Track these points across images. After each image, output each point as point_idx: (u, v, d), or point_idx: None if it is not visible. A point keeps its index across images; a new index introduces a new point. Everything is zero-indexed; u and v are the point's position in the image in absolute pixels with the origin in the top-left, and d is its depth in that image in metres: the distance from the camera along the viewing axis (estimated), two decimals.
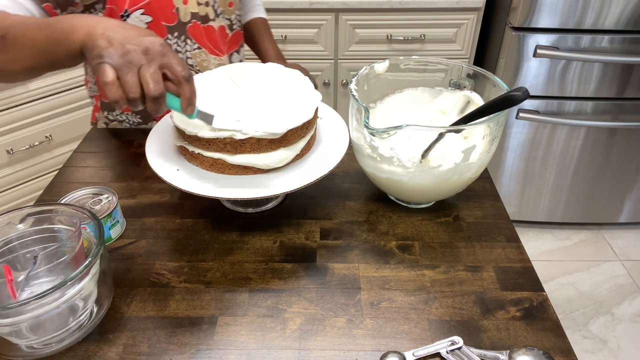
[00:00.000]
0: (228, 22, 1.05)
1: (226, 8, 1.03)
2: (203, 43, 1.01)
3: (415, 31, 1.84)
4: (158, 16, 0.94)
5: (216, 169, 0.75)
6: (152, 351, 0.63)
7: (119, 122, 1.10)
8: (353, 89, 0.79)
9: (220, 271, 0.74)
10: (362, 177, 0.91)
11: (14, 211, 0.67)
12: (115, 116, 1.09)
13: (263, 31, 1.20)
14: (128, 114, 1.08)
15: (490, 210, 0.86)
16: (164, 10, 0.94)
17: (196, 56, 1.01)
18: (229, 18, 1.04)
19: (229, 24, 1.05)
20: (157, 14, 0.93)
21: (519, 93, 0.70)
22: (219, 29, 1.03)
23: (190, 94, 0.62)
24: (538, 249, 2.00)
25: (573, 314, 1.75)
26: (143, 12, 0.92)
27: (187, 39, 0.99)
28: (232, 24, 1.06)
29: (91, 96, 1.13)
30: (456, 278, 0.73)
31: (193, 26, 0.98)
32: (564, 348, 0.63)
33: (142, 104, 0.60)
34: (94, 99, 1.12)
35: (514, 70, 1.71)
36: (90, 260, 0.60)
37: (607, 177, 1.91)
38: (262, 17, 1.22)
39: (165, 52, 0.59)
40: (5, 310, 0.55)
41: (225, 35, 1.05)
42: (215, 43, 1.03)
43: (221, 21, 1.03)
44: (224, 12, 1.03)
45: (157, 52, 0.58)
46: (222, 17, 1.03)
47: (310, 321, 0.67)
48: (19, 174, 1.74)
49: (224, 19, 1.04)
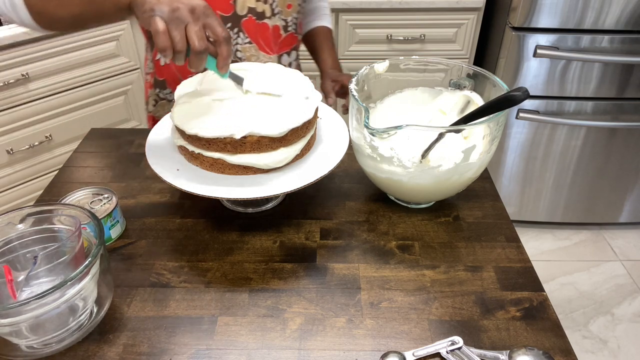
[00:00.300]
0: (283, 23, 1.04)
1: (284, 9, 1.03)
2: (255, 39, 1.01)
3: (415, 31, 1.84)
4: (215, 4, 0.94)
5: (216, 169, 0.75)
6: (152, 351, 0.63)
7: (168, 101, 1.12)
8: (353, 89, 0.79)
9: (220, 271, 0.74)
10: (362, 177, 0.91)
11: (14, 211, 0.67)
12: (165, 94, 1.11)
13: (324, 41, 1.18)
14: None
15: (490, 210, 0.86)
16: (221, 0, 0.95)
17: (246, 50, 1.02)
18: (285, 19, 1.04)
19: (284, 24, 1.04)
20: (214, 2, 0.94)
21: (519, 93, 0.70)
22: (273, 28, 1.03)
23: (227, 53, 0.68)
24: (538, 249, 2.00)
25: (573, 314, 1.75)
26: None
27: (240, 32, 1.00)
28: (288, 25, 1.05)
29: (147, 73, 1.15)
30: (456, 278, 0.73)
31: (248, 20, 0.99)
32: (564, 348, 0.63)
33: (185, 58, 0.65)
34: (148, 76, 1.14)
35: (514, 70, 1.71)
36: (90, 260, 0.59)
37: (607, 177, 1.91)
38: (325, 26, 1.20)
39: (209, 14, 0.65)
40: (5, 310, 0.55)
41: (278, 35, 1.05)
42: (267, 41, 1.03)
43: (277, 21, 1.03)
44: (281, 13, 1.03)
45: (201, 12, 0.64)
46: (278, 17, 1.02)
47: (310, 321, 0.67)
48: (19, 174, 1.74)
49: (280, 19, 1.03)
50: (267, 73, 0.85)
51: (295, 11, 1.05)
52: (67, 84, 1.74)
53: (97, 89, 1.82)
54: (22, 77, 1.62)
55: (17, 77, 1.61)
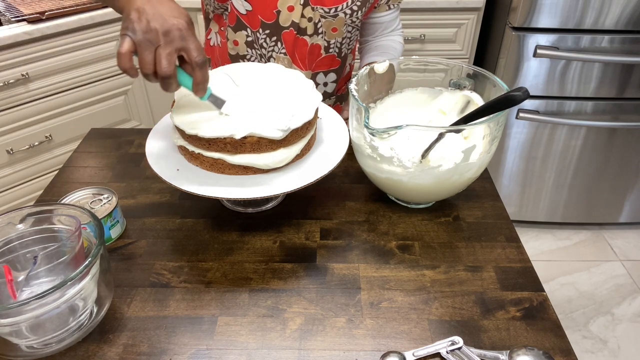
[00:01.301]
0: (325, 44, 1.03)
1: (329, 31, 1.02)
2: (291, 52, 1.02)
3: (415, 31, 1.84)
4: (257, 9, 0.96)
5: (216, 169, 0.75)
6: (152, 351, 0.63)
7: None
8: (353, 89, 0.79)
9: (220, 271, 0.74)
10: (362, 177, 0.91)
11: (14, 211, 0.67)
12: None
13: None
14: None
15: (490, 210, 0.86)
16: (264, 6, 0.96)
17: (280, 59, 1.02)
18: (328, 41, 1.03)
19: (326, 45, 1.04)
20: (257, 6, 0.96)
21: (519, 93, 0.70)
22: (313, 46, 1.03)
23: (201, 78, 0.67)
24: (538, 249, 2.00)
25: (573, 314, 1.75)
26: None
27: (279, 41, 1.00)
28: (329, 47, 1.04)
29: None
30: (456, 278, 0.73)
31: (289, 33, 0.99)
32: (564, 348, 0.63)
33: (155, 79, 0.65)
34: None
35: (514, 70, 1.71)
36: (90, 260, 0.59)
37: (607, 177, 1.91)
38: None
39: (186, 36, 0.64)
40: (5, 310, 0.55)
41: (317, 54, 1.04)
42: (302, 56, 1.03)
43: (318, 40, 1.02)
44: (325, 34, 1.02)
45: (176, 35, 0.63)
46: (321, 37, 1.02)
47: (310, 321, 0.67)
48: (19, 174, 1.74)
49: (323, 40, 1.03)
50: (268, 74, 0.85)
51: (341, 36, 1.04)
52: (67, 84, 1.74)
53: (97, 89, 1.82)
54: (22, 77, 1.62)
55: (17, 77, 1.61)
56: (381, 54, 1.10)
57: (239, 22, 0.99)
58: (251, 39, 1.01)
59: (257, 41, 1.00)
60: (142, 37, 0.62)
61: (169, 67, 0.63)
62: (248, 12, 0.97)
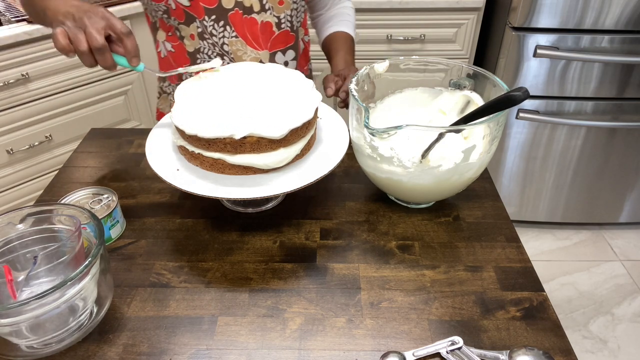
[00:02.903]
0: (276, 20, 1.02)
1: (275, 5, 1.01)
2: (242, 33, 1.01)
3: (415, 31, 1.84)
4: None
5: (216, 169, 0.75)
6: (152, 351, 0.63)
7: (167, 94, 1.15)
8: (353, 89, 0.79)
9: (220, 271, 0.74)
10: (362, 177, 0.91)
11: (14, 211, 0.67)
12: (165, 87, 1.15)
13: (340, 45, 1.12)
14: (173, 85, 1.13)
15: (490, 210, 0.86)
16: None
17: (232, 44, 1.01)
18: (277, 16, 1.02)
19: (277, 21, 1.03)
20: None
21: (519, 93, 0.70)
22: (263, 24, 1.02)
23: (132, 47, 0.75)
24: (538, 249, 2.00)
25: (573, 314, 1.75)
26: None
27: (227, 25, 0.99)
28: (280, 22, 1.03)
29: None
30: (456, 278, 0.73)
31: (235, 14, 0.98)
32: (564, 348, 0.63)
33: (91, 57, 0.73)
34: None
35: (514, 70, 1.71)
36: (90, 260, 0.59)
37: (607, 177, 1.91)
38: (344, 32, 1.15)
39: (106, 16, 0.74)
40: (5, 310, 0.55)
41: (270, 32, 1.03)
42: (255, 36, 1.02)
43: (267, 17, 1.01)
44: (273, 9, 1.01)
45: (98, 16, 0.73)
46: (269, 12, 1.01)
47: (310, 321, 0.67)
48: (19, 174, 1.74)
49: (272, 15, 1.02)
50: (267, 73, 0.85)
51: (289, 8, 1.04)
52: (67, 84, 1.74)
53: (97, 89, 1.82)
54: (22, 77, 1.62)
55: (17, 77, 1.61)
56: (339, 23, 1.16)
57: (187, 15, 0.98)
58: (201, 30, 1.00)
59: (207, 30, 0.99)
60: (71, 24, 0.72)
61: (100, 37, 0.71)
62: (191, 2, 0.96)
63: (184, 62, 1.05)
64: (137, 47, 0.76)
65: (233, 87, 0.81)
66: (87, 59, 0.74)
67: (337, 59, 1.11)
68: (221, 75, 0.84)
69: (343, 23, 1.17)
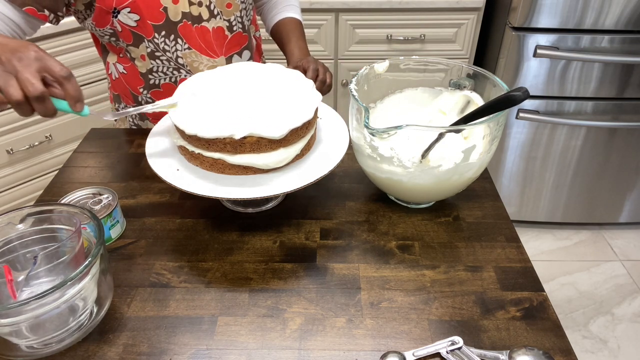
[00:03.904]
0: (227, 24, 1.02)
1: (224, 9, 1.00)
2: (195, 43, 0.99)
3: (415, 31, 1.84)
4: (144, 15, 0.93)
5: (216, 169, 0.75)
6: (152, 351, 0.63)
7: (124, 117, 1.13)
8: (353, 89, 0.79)
9: (220, 271, 0.74)
10: (362, 177, 0.91)
11: (14, 211, 0.67)
12: (121, 109, 1.12)
13: (290, 32, 1.11)
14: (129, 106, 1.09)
15: (490, 210, 0.86)
16: (150, 9, 0.93)
17: (187, 56, 1.00)
18: (228, 19, 1.01)
19: (228, 25, 1.02)
20: (144, 13, 0.93)
21: (519, 93, 0.70)
22: (215, 30, 1.00)
23: (74, 91, 0.64)
24: (538, 249, 2.00)
25: (573, 314, 1.75)
26: (130, 10, 0.92)
27: (178, 38, 0.97)
28: (232, 25, 1.03)
29: (108, 87, 1.16)
30: (456, 278, 0.73)
31: (184, 26, 0.97)
32: (564, 348, 0.63)
33: (29, 107, 0.63)
34: (109, 91, 1.15)
35: (514, 70, 1.71)
36: (90, 260, 0.60)
37: (607, 177, 1.91)
38: (291, 17, 1.14)
39: (40, 57, 0.62)
40: (5, 310, 0.55)
41: (223, 37, 1.02)
42: (208, 44, 1.01)
43: (218, 22, 1.00)
44: (222, 13, 1.00)
45: (31, 58, 0.62)
46: (219, 18, 1.00)
47: (310, 321, 0.67)
48: (19, 174, 1.74)
49: (222, 20, 1.01)
50: (267, 73, 0.85)
51: (238, 9, 1.02)
52: None
53: (97, 89, 1.82)
54: None
55: None
56: (284, 9, 1.14)
57: (135, 36, 0.96)
58: (150, 49, 0.98)
59: (159, 48, 0.97)
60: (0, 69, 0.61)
61: (37, 83, 0.61)
62: (137, 22, 0.94)
63: (137, 84, 1.04)
64: (79, 90, 0.65)
65: (233, 87, 0.81)
66: (24, 110, 0.63)
67: (290, 46, 1.09)
68: (221, 76, 0.84)
69: (288, 8, 1.15)
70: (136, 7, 0.92)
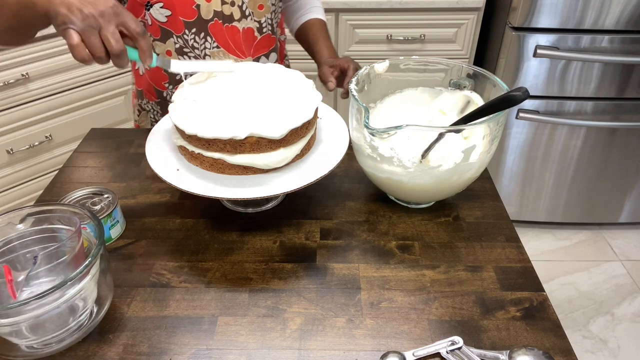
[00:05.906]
0: (257, 25, 1.02)
1: (255, 10, 1.00)
2: (224, 42, 1.00)
3: (415, 31, 1.84)
4: (177, 11, 0.94)
5: (216, 169, 0.75)
6: (152, 351, 0.63)
7: (146, 111, 1.14)
8: (353, 89, 0.79)
9: (220, 271, 0.74)
10: (362, 177, 0.91)
11: (14, 211, 0.67)
12: (144, 105, 1.13)
13: (317, 33, 1.13)
14: (152, 102, 1.11)
15: (490, 210, 0.86)
16: (183, 5, 0.94)
17: (214, 54, 1.01)
18: (259, 20, 1.02)
19: (258, 26, 1.02)
20: (176, 9, 0.94)
21: (519, 93, 0.70)
22: (245, 31, 1.01)
23: (145, 46, 0.69)
24: (538, 249, 2.00)
25: (573, 314, 1.75)
26: (162, 5, 0.93)
27: (208, 36, 0.98)
28: (262, 27, 1.03)
29: (132, 83, 1.16)
30: (456, 278, 0.73)
31: (215, 24, 0.98)
32: (564, 348, 0.63)
33: (107, 60, 0.67)
34: (134, 86, 1.16)
35: (514, 70, 1.71)
36: (90, 260, 0.60)
37: (607, 177, 1.91)
38: (317, 18, 1.16)
39: (119, 12, 0.66)
40: (5, 310, 0.55)
41: (252, 38, 1.03)
42: (237, 44, 1.01)
43: (249, 23, 1.01)
44: (253, 14, 1.00)
45: (112, 13, 0.65)
46: (250, 18, 1.00)
47: (310, 321, 0.67)
48: (19, 174, 1.74)
49: (253, 21, 1.01)
50: (267, 73, 0.85)
51: (269, 12, 1.03)
52: (67, 84, 1.74)
53: (97, 89, 1.82)
54: (22, 77, 1.62)
55: (17, 77, 1.61)
56: (310, 10, 1.16)
57: (163, 32, 0.97)
58: (179, 45, 0.98)
59: (187, 44, 0.98)
60: (83, 24, 0.64)
61: (118, 43, 0.65)
62: (168, 17, 0.95)
63: (162, 80, 1.05)
64: (151, 45, 0.71)
65: (233, 87, 0.81)
66: (102, 62, 0.68)
67: (319, 46, 1.11)
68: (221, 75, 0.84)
69: (314, 10, 1.17)
70: (169, 2, 0.93)
